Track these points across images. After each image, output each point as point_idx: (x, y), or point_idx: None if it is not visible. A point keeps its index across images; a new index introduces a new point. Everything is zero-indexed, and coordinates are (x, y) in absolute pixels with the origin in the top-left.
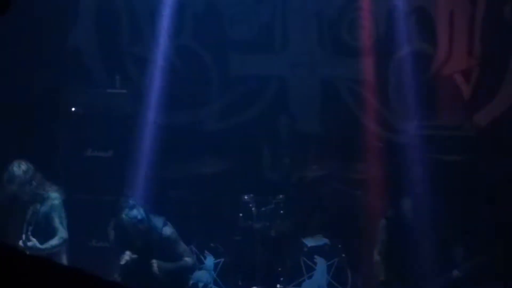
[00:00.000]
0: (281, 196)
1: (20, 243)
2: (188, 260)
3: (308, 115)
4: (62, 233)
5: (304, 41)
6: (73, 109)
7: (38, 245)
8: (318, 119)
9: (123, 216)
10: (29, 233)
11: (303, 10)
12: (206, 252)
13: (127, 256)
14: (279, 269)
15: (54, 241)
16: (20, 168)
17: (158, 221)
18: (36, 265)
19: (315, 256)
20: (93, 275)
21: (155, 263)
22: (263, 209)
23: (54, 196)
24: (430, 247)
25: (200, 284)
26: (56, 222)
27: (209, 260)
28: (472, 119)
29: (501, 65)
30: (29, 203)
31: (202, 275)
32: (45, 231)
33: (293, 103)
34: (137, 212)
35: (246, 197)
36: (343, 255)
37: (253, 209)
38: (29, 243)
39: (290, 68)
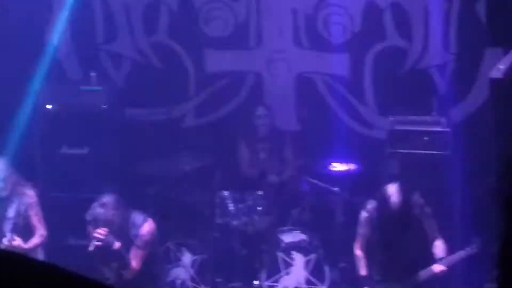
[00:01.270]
0: (258, 192)
1: (5, 242)
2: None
3: (284, 111)
4: (41, 230)
5: (279, 37)
6: (48, 106)
7: (22, 244)
8: (294, 115)
9: (89, 212)
10: (14, 232)
11: (278, 6)
12: (183, 249)
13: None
14: (257, 265)
15: (36, 240)
16: None
17: (138, 218)
18: (16, 263)
19: (293, 252)
20: (71, 272)
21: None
22: (240, 205)
23: (31, 194)
24: (412, 240)
25: (178, 281)
26: (35, 220)
27: (187, 257)
28: (447, 114)
29: (475, 61)
30: (6, 200)
31: (179, 272)
32: (24, 229)
33: (269, 99)
34: (102, 211)
35: (223, 194)
36: (321, 250)
37: (230, 205)
38: (14, 243)
39: (266, 64)
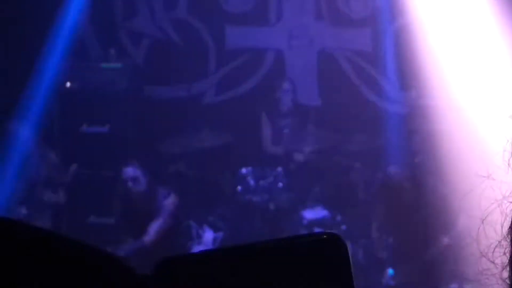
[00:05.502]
0: (280, 168)
1: None
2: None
3: (306, 86)
4: None
5: (300, 12)
6: (68, 84)
7: None
8: (316, 91)
9: (125, 187)
10: None
11: None
12: (205, 226)
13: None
14: None
15: None
16: None
17: (162, 191)
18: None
19: (314, 229)
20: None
21: None
22: (261, 182)
23: None
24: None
25: None
26: None
27: (208, 234)
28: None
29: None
30: None
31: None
32: None
33: (291, 75)
34: (138, 184)
35: (244, 171)
36: (343, 227)
37: (251, 182)
38: None
39: (287, 40)
